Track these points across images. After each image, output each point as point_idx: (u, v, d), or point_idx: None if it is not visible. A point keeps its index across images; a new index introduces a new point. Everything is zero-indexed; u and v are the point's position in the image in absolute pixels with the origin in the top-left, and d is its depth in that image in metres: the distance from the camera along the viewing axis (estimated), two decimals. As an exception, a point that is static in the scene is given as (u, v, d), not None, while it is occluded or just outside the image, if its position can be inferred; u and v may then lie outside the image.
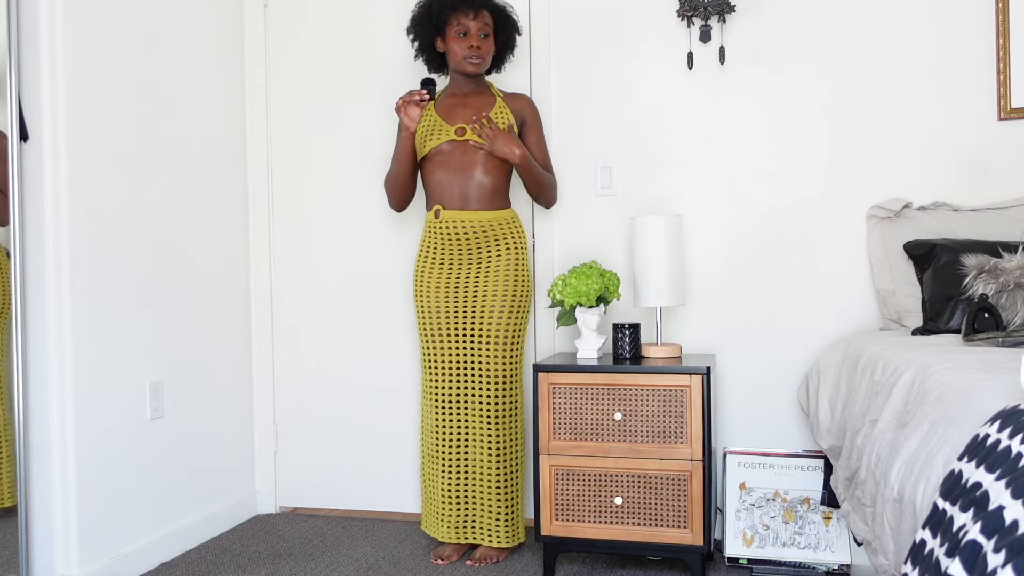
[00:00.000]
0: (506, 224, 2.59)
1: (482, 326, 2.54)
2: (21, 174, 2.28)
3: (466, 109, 2.59)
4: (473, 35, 2.53)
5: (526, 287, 2.61)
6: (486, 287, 2.55)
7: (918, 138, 2.63)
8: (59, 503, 2.32)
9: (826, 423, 2.27)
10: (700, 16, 2.73)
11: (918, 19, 2.63)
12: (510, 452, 2.57)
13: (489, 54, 2.58)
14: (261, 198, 3.17)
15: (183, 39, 2.81)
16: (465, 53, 2.53)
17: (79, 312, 2.35)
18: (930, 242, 2.40)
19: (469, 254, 2.57)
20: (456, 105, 2.60)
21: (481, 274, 2.56)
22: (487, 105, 2.60)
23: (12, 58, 2.24)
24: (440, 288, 2.58)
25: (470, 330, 2.55)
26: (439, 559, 2.58)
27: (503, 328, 2.54)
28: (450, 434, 2.57)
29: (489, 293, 2.55)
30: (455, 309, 2.57)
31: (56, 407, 2.31)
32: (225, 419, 3.01)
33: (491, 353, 2.54)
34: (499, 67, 2.72)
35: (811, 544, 2.51)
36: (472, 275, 2.57)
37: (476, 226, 2.55)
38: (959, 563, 0.93)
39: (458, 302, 2.56)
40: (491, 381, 2.53)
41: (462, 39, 2.54)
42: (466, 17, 2.52)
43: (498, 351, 2.54)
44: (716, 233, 2.79)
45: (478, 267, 2.57)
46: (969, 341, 1.91)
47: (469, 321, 2.55)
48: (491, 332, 2.54)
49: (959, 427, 1.30)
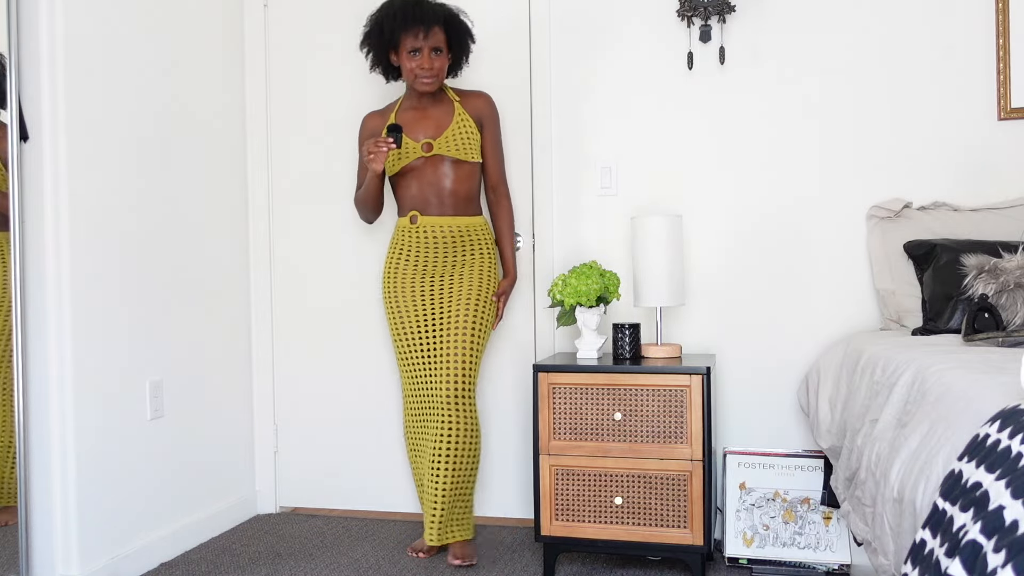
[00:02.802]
0: (479, 230, 2.66)
1: (447, 323, 2.57)
2: (21, 174, 2.28)
3: (427, 120, 2.62)
4: (425, 55, 2.53)
5: (491, 291, 2.65)
6: (458, 287, 2.60)
7: (918, 138, 2.63)
8: (59, 503, 2.32)
9: (826, 423, 2.27)
10: (700, 16, 2.73)
11: (918, 19, 2.63)
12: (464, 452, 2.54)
13: (443, 69, 2.59)
14: (261, 198, 3.17)
15: (183, 39, 2.81)
16: (418, 72, 2.54)
17: (79, 312, 2.35)
18: (930, 242, 2.40)
19: (444, 256, 2.62)
20: (417, 118, 2.63)
21: (456, 274, 2.62)
22: (446, 114, 2.63)
23: (12, 58, 2.24)
24: (416, 288, 2.62)
25: (436, 328, 2.58)
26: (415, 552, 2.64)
27: (468, 326, 2.56)
28: (421, 434, 2.63)
29: (455, 293, 2.59)
30: (425, 307, 2.60)
31: (56, 407, 2.31)
32: (225, 419, 3.01)
33: (451, 356, 2.55)
34: (455, 73, 2.73)
35: (811, 544, 2.51)
36: (446, 276, 2.62)
37: (453, 230, 2.61)
38: (959, 563, 0.93)
39: (432, 301, 2.60)
40: (447, 382, 2.53)
41: (415, 58, 2.54)
42: (416, 37, 2.51)
43: (458, 355, 2.54)
44: (716, 233, 2.79)
45: (452, 269, 2.62)
46: (969, 341, 1.91)
47: (437, 318, 2.59)
48: (456, 328, 2.56)
49: (959, 427, 1.30)
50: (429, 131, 2.61)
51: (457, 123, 2.60)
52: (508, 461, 2.98)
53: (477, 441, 2.57)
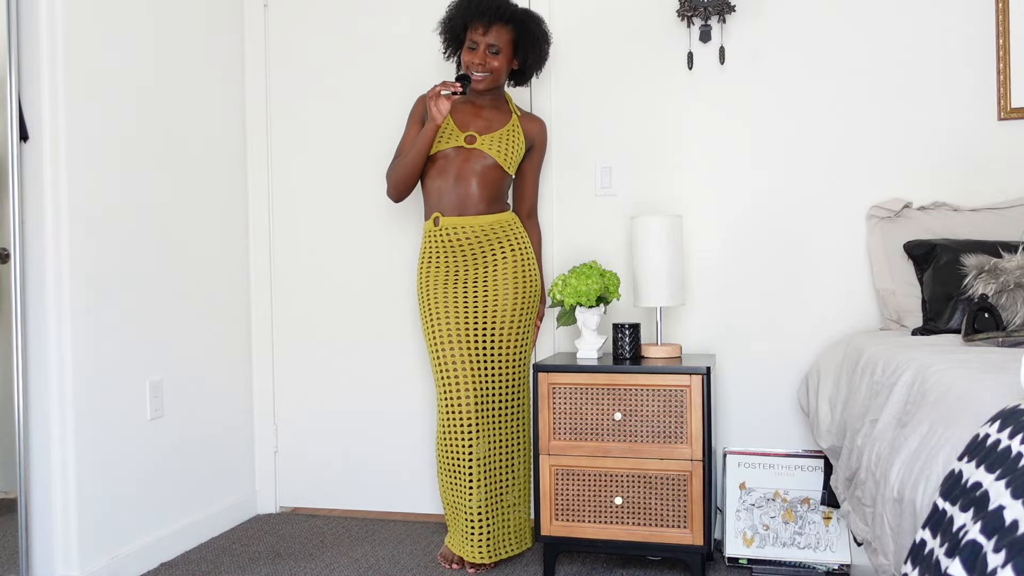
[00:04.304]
0: (507, 226, 2.58)
1: (492, 329, 2.52)
2: (21, 174, 2.28)
3: (479, 120, 2.56)
4: (481, 50, 2.48)
5: (532, 287, 2.59)
6: (494, 290, 2.53)
7: (918, 138, 2.63)
8: (59, 503, 2.32)
9: (826, 423, 2.27)
10: (700, 16, 2.73)
11: (918, 19, 2.63)
12: (520, 459, 2.57)
13: (500, 72, 2.52)
14: (261, 198, 3.17)
15: (183, 39, 2.81)
16: (470, 67, 2.49)
17: (79, 312, 2.35)
18: (930, 242, 2.40)
19: (473, 259, 2.54)
20: (470, 114, 2.57)
21: (489, 278, 2.54)
22: (502, 120, 2.58)
23: (12, 58, 2.24)
24: (448, 295, 2.52)
25: (480, 335, 2.51)
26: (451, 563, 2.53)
27: (512, 331, 2.54)
28: (469, 447, 2.45)
29: (491, 296, 2.53)
30: (464, 315, 2.51)
31: (56, 407, 2.31)
32: (225, 419, 3.01)
33: (502, 357, 2.52)
34: (524, 82, 2.66)
35: (811, 544, 2.51)
36: (478, 280, 2.54)
37: (477, 230, 2.53)
38: (959, 563, 0.93)
39: (467, 308, 2.52)
40: (504, 385, 2.52)
41: (472, 52, 2.50)
42: (477, 31, 2.47)
43: (509, 354, 2.53)
44: (716, 233, 2.79)
45: (484, 271, 2.54)
46: (969, 341, 1.91)
47: (480, 326, 2.51)
48: (501, 336, 2.52)
49: (959, 427, 1.30)
50: (478, 127, 2.55)
51: (510, 131, 2.55)
52: (508, 461, 2.98)
53: (527, 453, 2.61)
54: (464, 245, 2.53)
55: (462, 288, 2.53)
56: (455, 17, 2.52)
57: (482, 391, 2.48)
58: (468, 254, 2.54)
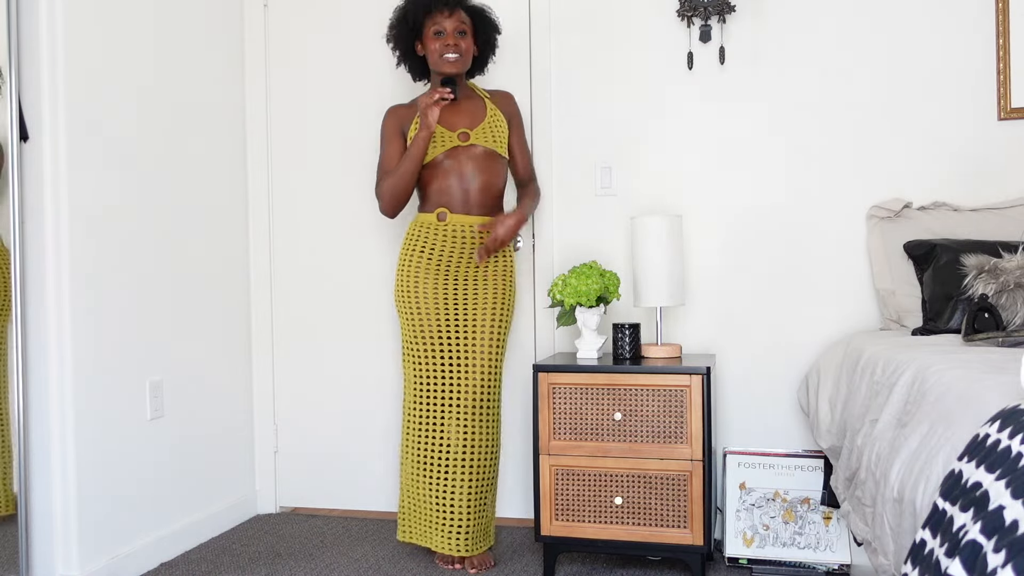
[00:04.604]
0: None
1: (471, 333, 2.53)
2: (21, 174, 2.28)
3: (461, 116, 2.57)
4: (450, 33, 2.52)
5: (512, 293, 2.63)
6: (482, 293, 2.55)
7: (918, 138, 2.63)
8: (59, 503, 2.32)
9: (826, 423, 2.27)
10: (700, 16, 2.73)
11: (918, 19, 2.63)
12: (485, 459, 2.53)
13: (469, 52, 2.56)
14: (261, 198, 3.17)
15: (183, 39, 2.81)
16: (442, 51, 2.51)
17: (79, 312, 2.35)
18: (930, 242, 2.40)
19: (470, 256, 2.55)
20: (450, 112, 2.57)
21: (480, 278, 2.55)
22: (479, 109, 2.60)
23: (12, 58, 2.24)
24: (437, 290, 2.53)
25: (458, 337, 2.52)
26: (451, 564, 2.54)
27: (491, 338, 2.54)
28: (435, 442, 2.50)
29: (480, 299, 2.54)
30: (448, 311, 2.53)
31: (56, 407, 2.31)
32: (225, 419, 3.01)
33: (476, 362, 2.52)
34: (482, 69, 2.71)
35: (811, 544, 2.51)
36: (469, 278, 2.55)
37: (479, 231, 2.54)
38: (959, 563, 0.93)
39: (456, 304, 2.53)
40: (473, 390, 2.51)
41: (439, 38, 2.52)
42: (441, 16, 2.52)
43: (483, 361, 2.52)
44: (716, 233, 2.79)
45: (475, 271, 2.55)
46: (969, 341, 1.91)
47: (460, 323, 2.53)
48: (478, 341, 2.53)
49: (959, 427, 1.30)
50: (464, 123, 2.56)
51: (491, 117, 2.58)
52: (508, 461, 2.98)
53: (498, 450, 2.57)
54: (468, 243, 2.54)
55: (452, 285, 2.54)
56: (411, 14, 2.54)
57: (450, 388, 2.51)
58: (467, 253, 2.55)
